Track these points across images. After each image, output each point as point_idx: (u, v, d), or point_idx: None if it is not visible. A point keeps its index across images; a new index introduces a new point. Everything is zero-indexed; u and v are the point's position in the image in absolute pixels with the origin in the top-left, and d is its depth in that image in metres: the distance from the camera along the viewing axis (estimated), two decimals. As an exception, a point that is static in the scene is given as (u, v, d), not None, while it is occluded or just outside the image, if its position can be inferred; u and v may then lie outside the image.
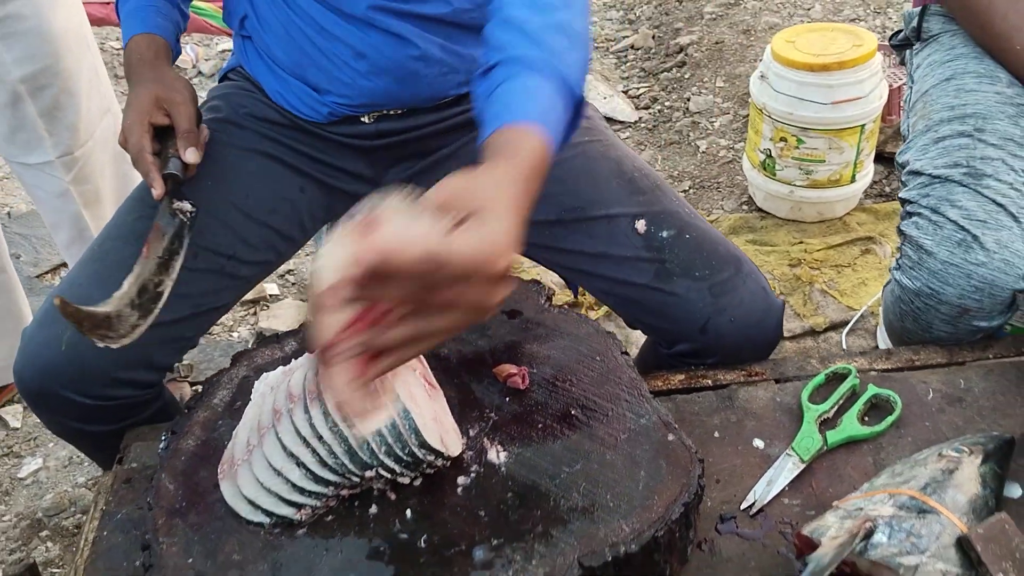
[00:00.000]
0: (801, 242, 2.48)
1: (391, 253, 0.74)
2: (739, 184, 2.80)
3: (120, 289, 1.15)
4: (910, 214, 1.29)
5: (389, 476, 1.01)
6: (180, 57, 1.58)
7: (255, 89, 1.46)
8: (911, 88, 1.46)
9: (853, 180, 2.49)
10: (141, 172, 1.24)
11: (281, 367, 1.13)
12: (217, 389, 1.18)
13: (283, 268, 2.66)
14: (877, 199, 2.68)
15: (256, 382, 1.13)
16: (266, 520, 1.00)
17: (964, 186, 1.24)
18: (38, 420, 2.12)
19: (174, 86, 1.29)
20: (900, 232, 1.30)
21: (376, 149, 1.42)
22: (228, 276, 1.36)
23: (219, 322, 2.47)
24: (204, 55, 3.81)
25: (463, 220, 0.80)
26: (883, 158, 2.72)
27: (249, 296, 2.52)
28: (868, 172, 2.55)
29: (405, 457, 1.00)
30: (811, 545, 0.95)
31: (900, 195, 1.33)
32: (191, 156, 1.24)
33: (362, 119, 1.38)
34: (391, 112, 1.38)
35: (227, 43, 3.87)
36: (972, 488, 0.97)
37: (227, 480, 1.03)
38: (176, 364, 2.15)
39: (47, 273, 2.61)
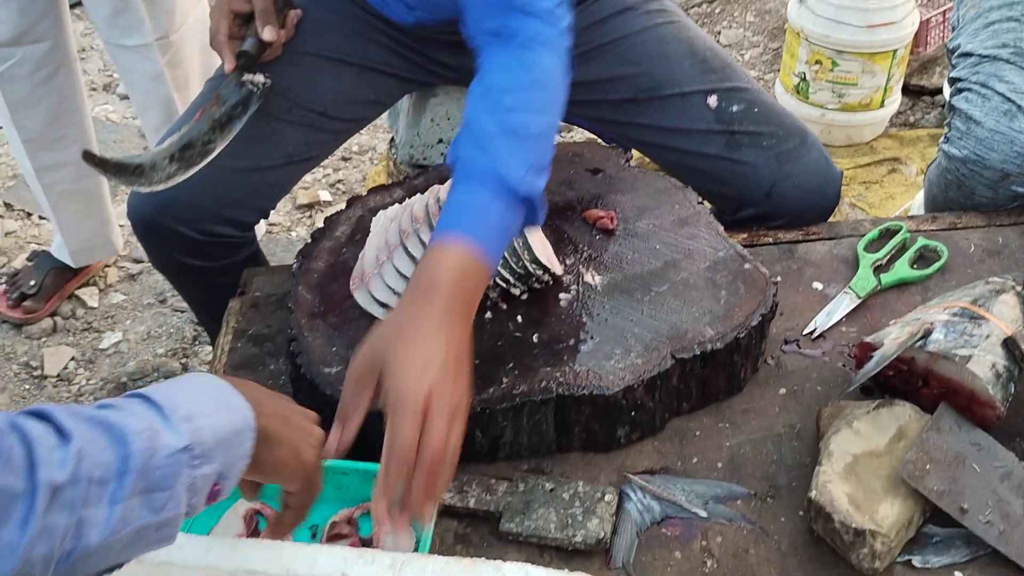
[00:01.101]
0: (831, 162, 2.61)
1: None
2: (769, 112, 2.92)
3: (162, 144, 1.29)
4: (960, 90, 1.42)
5: (503, 286, 1.16)
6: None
7: None
8: (961, -17, 1.59)
9: (882, 105, 2.61)
10: (216, 51, 1.36)
11: (397, 203, 1.26)
12: (337, 225, 1.32)
13: (333, 178, 2.80)
14: (902, 128, 2.81)
15: (375, 217, 1.26)
16: (397, 319, 1.14)
17: (1011, 63, 1.37)
18: (114, 301, 2.29)
19: None
20: (950, 107, 1.43)
21: (460, 43, 1.53)
22: (319, 130, 1.48)
23: (277, 222, 2.63)
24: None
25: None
26: (909, 90, 2.85)
27: (304, 200, 2.67)
28: (896, 99, 2.67)
29: (517, 269, 1.14)
30: (871, 351, 1.10)
31: (950, 76, 1.46)
32: (268, 34, 1.34)
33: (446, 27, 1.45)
34: None
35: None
36: (1015, 305, 1.11)
37: (360, 290, 1.17)
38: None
39: (111, 174, 2.74)
